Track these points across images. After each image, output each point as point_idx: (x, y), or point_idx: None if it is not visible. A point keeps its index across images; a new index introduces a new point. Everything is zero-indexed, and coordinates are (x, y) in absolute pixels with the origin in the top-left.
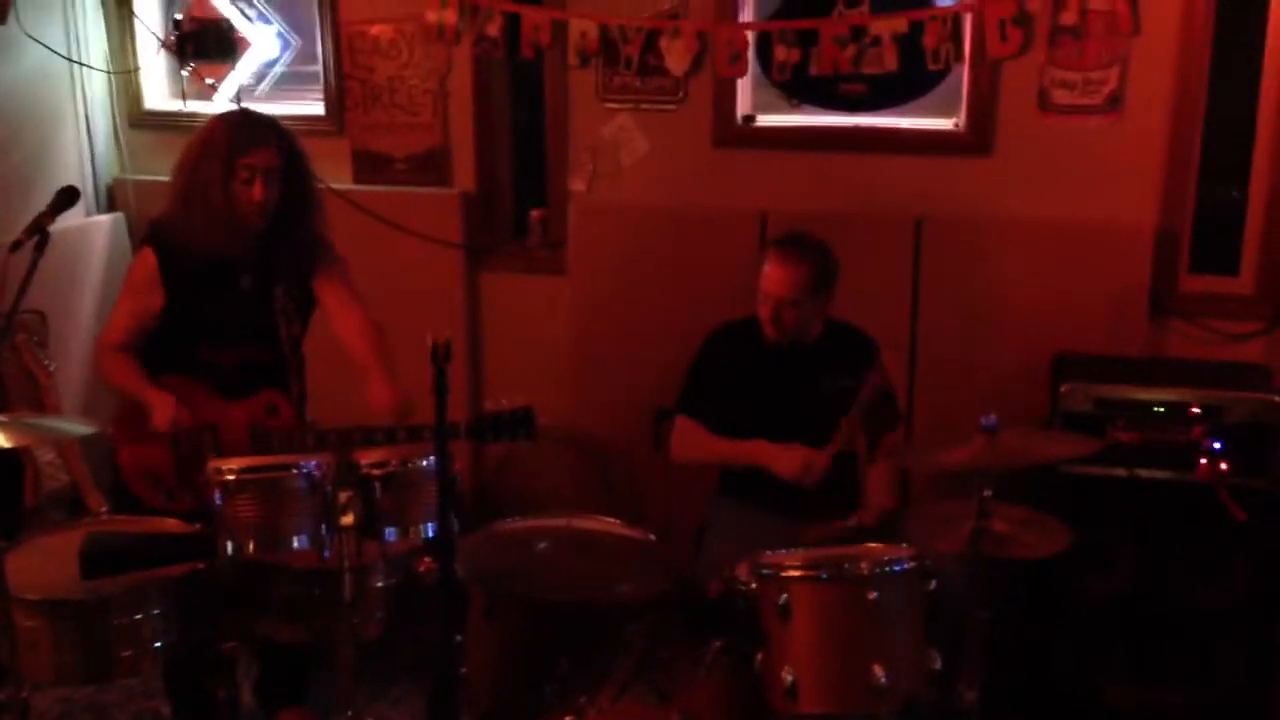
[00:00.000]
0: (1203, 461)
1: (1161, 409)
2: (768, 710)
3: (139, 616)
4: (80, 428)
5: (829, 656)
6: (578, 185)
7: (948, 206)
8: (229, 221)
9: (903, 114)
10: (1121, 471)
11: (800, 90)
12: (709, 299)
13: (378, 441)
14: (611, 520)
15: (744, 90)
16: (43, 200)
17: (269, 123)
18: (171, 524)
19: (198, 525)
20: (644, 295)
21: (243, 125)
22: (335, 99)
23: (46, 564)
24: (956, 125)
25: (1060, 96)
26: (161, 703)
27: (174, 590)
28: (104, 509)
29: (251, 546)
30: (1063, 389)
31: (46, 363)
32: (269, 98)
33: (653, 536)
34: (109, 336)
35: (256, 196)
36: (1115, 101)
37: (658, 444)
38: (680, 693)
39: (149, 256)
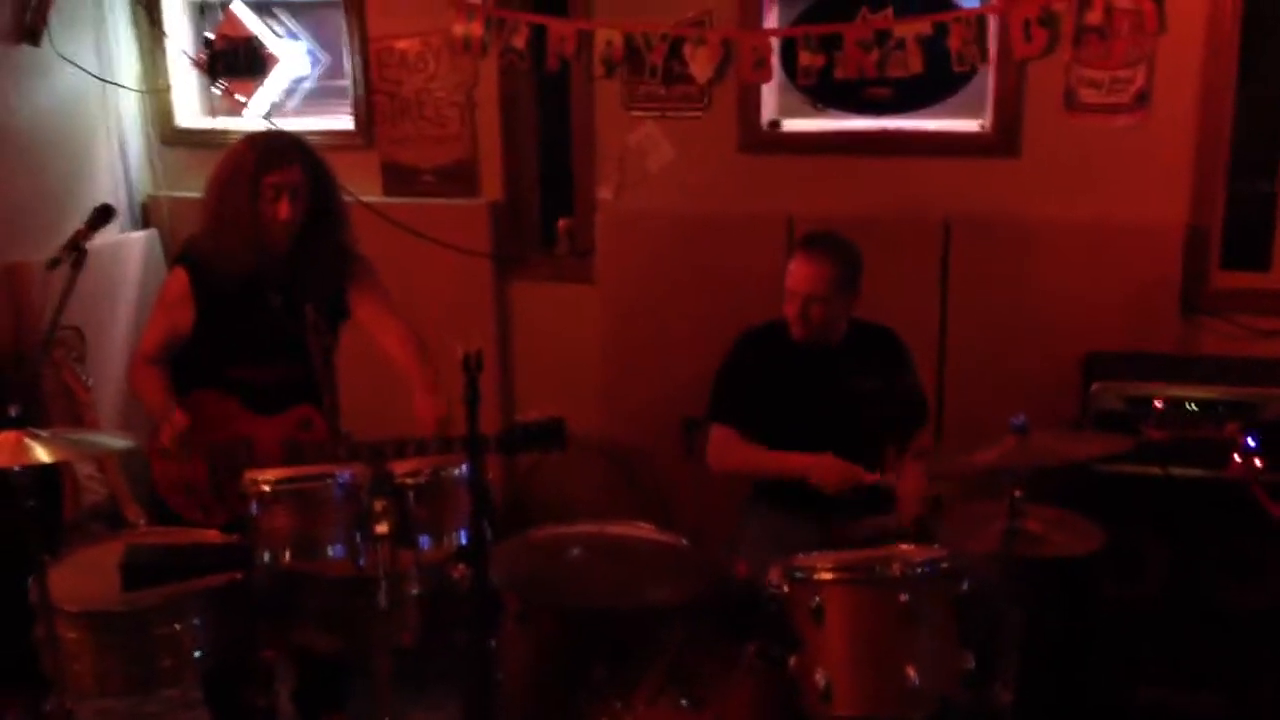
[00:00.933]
0: (1236, 459)
1: (1194, 406)
2: (802, 714)
3: (179, 626)
4: (119, 442)
5: (862, 659)
6: (605, 194)
7: (975, 208)
8: (257, 240)
9: (928, 116)
10: (1154, 470)
11: (825, 94)
12: (738, 305)
13: (410, 454)
14: (644, 525)
15: (769, 96)
16: (79, 218)
17: (293, 141)
18: (209, 535)
19: (235, 536)
20: (672, 302)
21: (267, 145)
22: (364, 113)
23: (87, 576)
24: (983, 126)
25: (1087, 96)
26: (201, 713)
27: (212, 600)
28: (142, 521)
29: (288, 555)
30: (1094, 388)
31: (84, 378)
32: (298, 113)
33: (685, 541)
34: (141, 352)
35: (282, 215)
36: (1143, 99)
37: (689, 451)
38: (714, 696)
39: (181, 275)
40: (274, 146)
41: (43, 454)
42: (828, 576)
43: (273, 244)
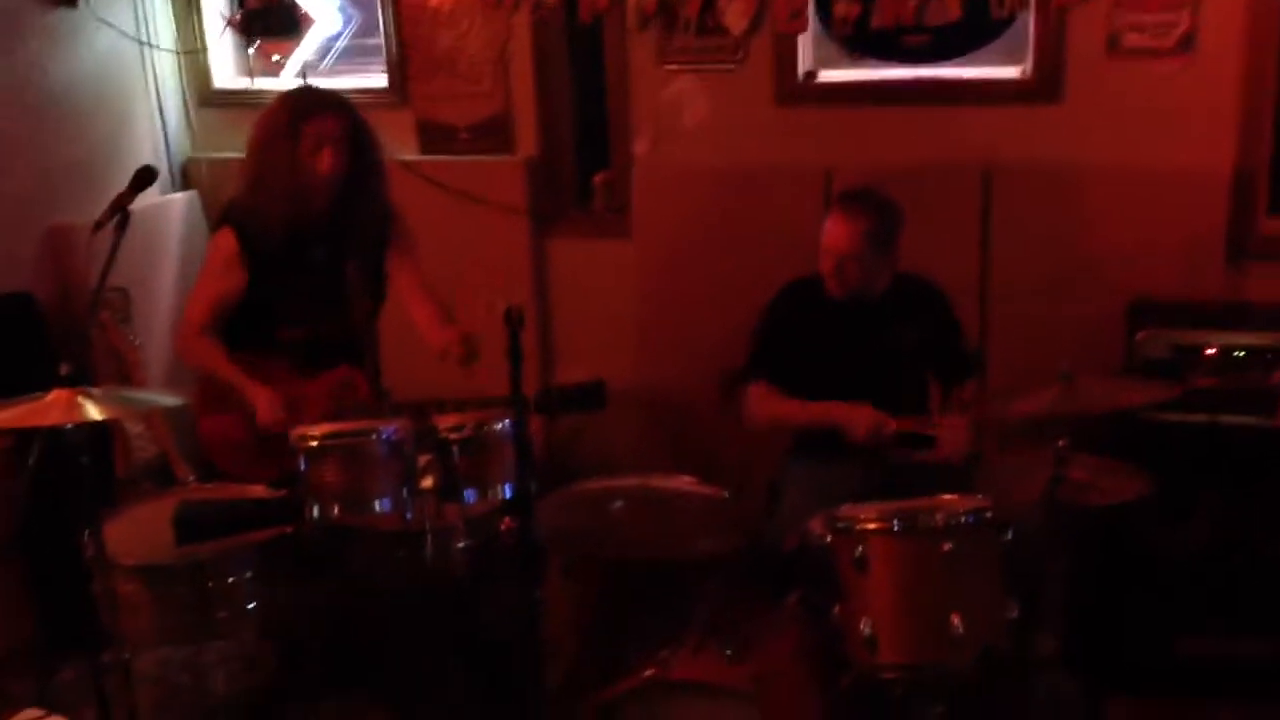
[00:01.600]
0: None
1: (1241, 353)
2: (845, 662)
3: (232, 579)
4: (169, 399)
5: (906, 608)
6: (640, 148)
7: (1016, 156)
8: (299, 194)
9: (968, 64)
10: (1201, 418)
11: (862, 44)
12: (775, 258)
13: (451, 411)
14: (685, 479)
15: (804, 46)
16: (120, 181)
17: (330, 93)
18: (258, 490)
19: (283, 492)
20: (709, 256)
21: (304, 97)
22: (398, 70)
23: (142, 531)
24: (1023, 73)
25: (1131, 40)
26: (257, 661)
27: (265, 554)
28: (192, 478)
29: (336, 510)
30: (1139, 336)
31: (132, 338)
32: (333, 72)
33: (726, 494)
34: (193, 321)
35: (324, 167)
36: (1187, 42)
37: (725, 406)
38: (757, 646)
39: (229, 237)
40: (310, 97)
41: (94, 412)
42: (871, 526)
43: (314, 197)
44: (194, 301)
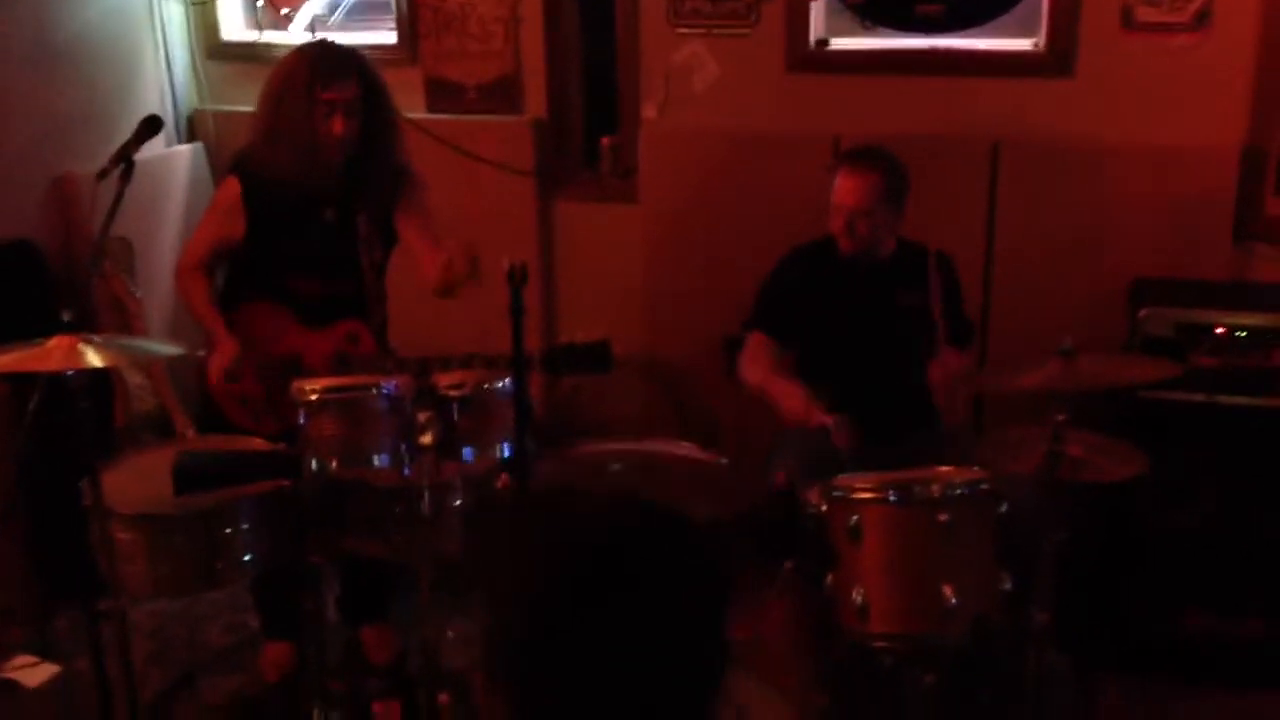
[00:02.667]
0: None
1: (1244, 334)
2: (837, 630)
3: (229, 531)
4: (170, 349)
5: (899, 578)
6: (649, 112)
7: (1026, 129)
8: (312, 155)
9: (980, 35)
10: (1201, 397)
11: (875, 12)
12: (782, 225)
13: (455, 368)
14: (684, 444)
15: (817, 14)
16: (126, 132)
17: (348, 54)
18: (258, 443)
19: (281, 445)
20: (716, 222)
21: (322, 59)
22: (407, 27)
23: (141, 480)
24: (1036, 45)
25: (1145, 14)
26: (250, 615)
27: (262, 506)
28: (190, 431)
29: (335, 464)
30: (1141, 314)
31: (133, 289)
32: (342, 27)
33: (725, 460)
34: (188, 257)
35: (337, 130)
36: (1203, 18)
37: (730, 373)
38: (751, 612)
39: (233, 185)
40: (329, 60)
41: (95, 358)
42: (866, 495)
43: (327, 159)
44: (193, 239)
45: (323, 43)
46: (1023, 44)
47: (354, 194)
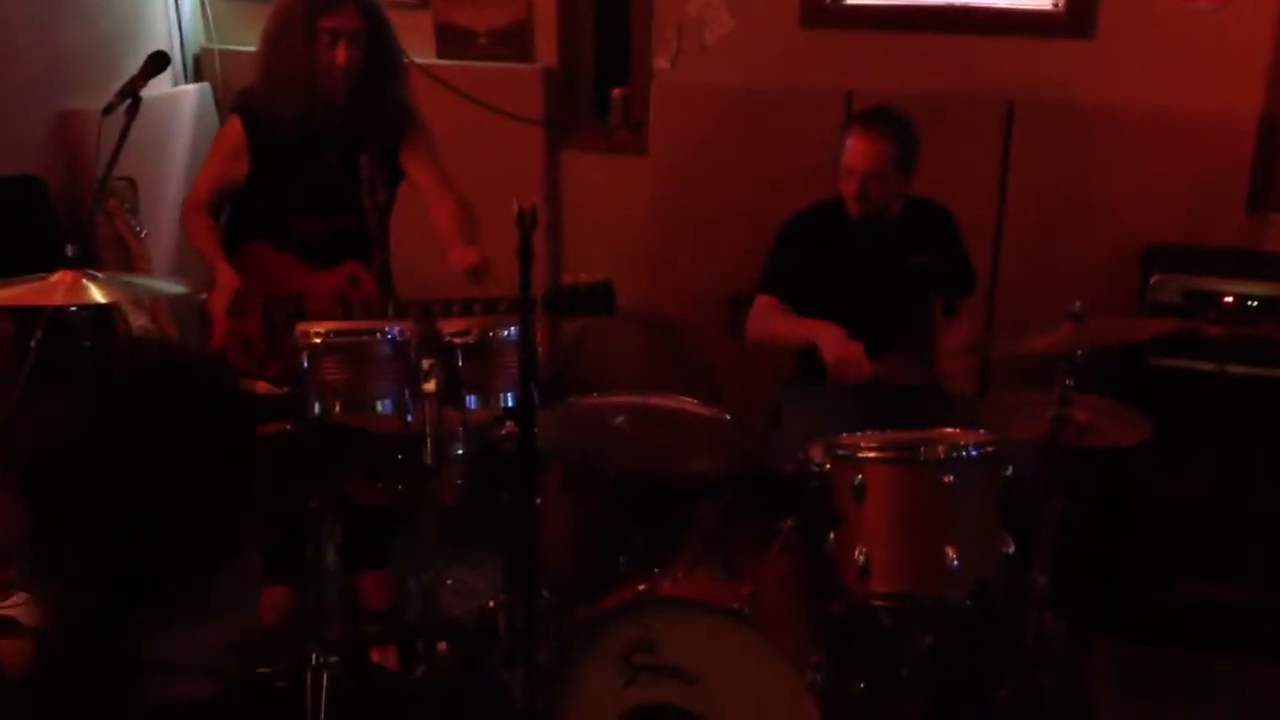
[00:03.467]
0: None
1: (1254, 303)
2: (837, 589)
3: None
4: (174, 287)
5: (902, 538)
6: (661, 64)
7: (1042, 90)
8: (312, 89)
9: None
10: (1209, 366)
11: None
12: (792, 182)
13: (456, 313)
14: (687, 399)
15: None
16: (132, 68)
17: None
18: (261, 386)
19: (284, 389)
20: (725, 177)
21: None
22: None
23: None
24: (1055, 5)
25: None
26: (251, 560)
27: (265, 449)
28: None
29: (337, 408)
30: (1152, 280)
31: (137, 229)
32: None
33: (727, 416)
34: (194, 196)
35: (340, 60)
36: None
37: (734, 331)
38: (751, 568)
39: (236, 124)
40: None
41: (98, 294)
42: (871, 455)
43: (328, 93)
44: (198, 178)
45: None
46: (1042, 3)
47: (356, 133)
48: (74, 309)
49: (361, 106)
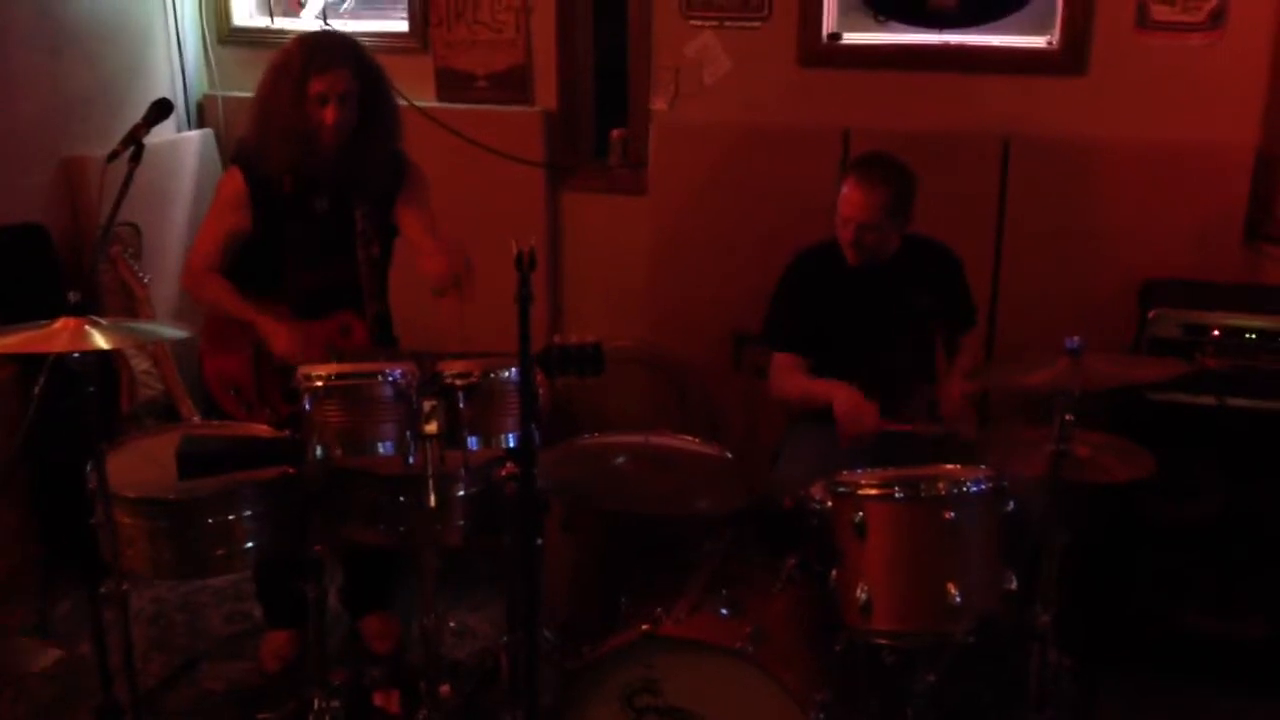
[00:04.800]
0: None
1: (1253, 336)
2: (841, 627)
3: (231, 517)
4: (176, 332)
5: (903, 575)
6: (660, 104)
7: (1038, 127)
8: (303, 144)
9: (994, 31)
10: (1209, 399)
11: (888, 6)
12: (791, 220)
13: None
14: (688, 438)
15: (830, 7)
16: (136, 116)
17: (345, 43)
18: (262, 429)
19: (286, 432)
20: (725, 216)
21: (317, 46)
22: (419, 16)
23: (145, 465)
24: (1050, 43)
25: (1159, 13)
26: (252, 605)
27: (265, 493)
28: (196, 417)
29: (338, 451)
30: (1151, 314)
31: (141, 274)
32: (354, 15)
33: (729, 454)
34: (200, 259)
35: (329, 119)
36: (1217, 18)
37: (737, 366)
38: (754, 607)
39: (237, 175)
40: (323, 48)
41: (101, 341)
42: (871, 492)
43: (319, 148)
44: (201, 238)
45: (320, 31)
46: (1036, 41)
47: (349, 187)
48: (76, 355)
49: (352, 161)
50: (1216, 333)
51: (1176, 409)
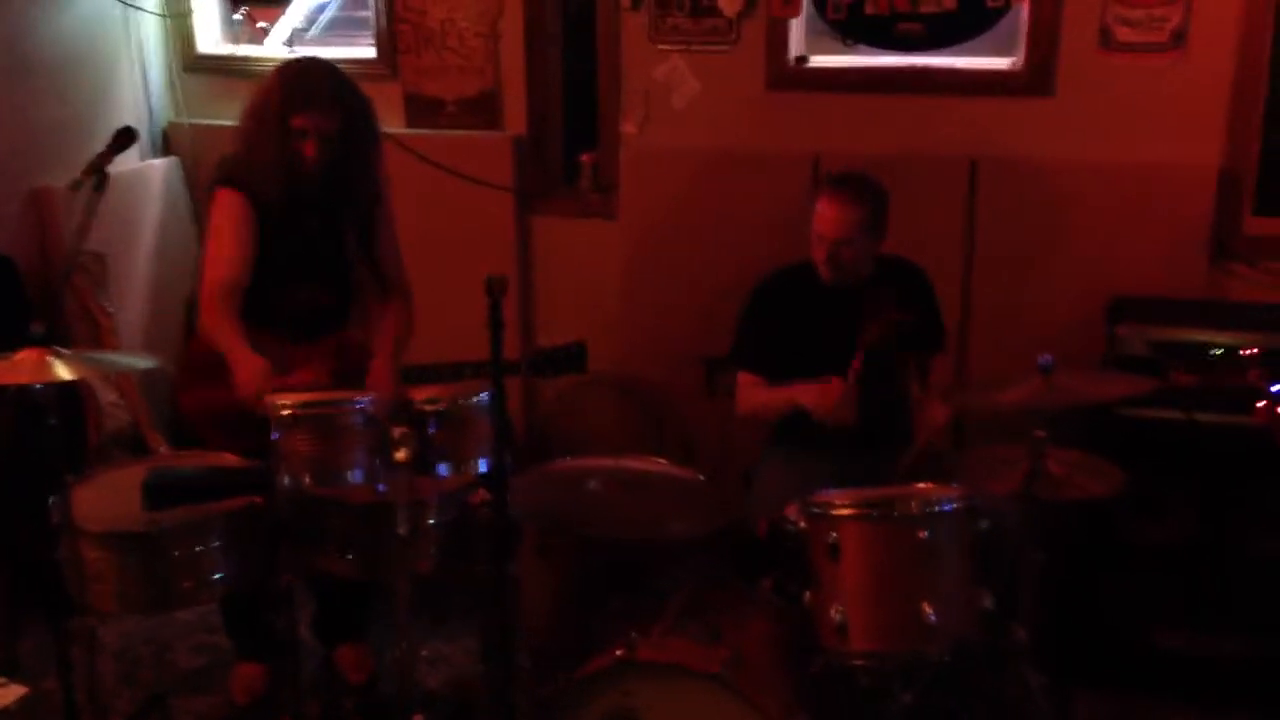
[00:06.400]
0: (1259, 404)
1: (1220, 352)
2: (817, 648)
3: (199, 549)
4: (141, 361)
5: (878, 595)
6: (629, 128)
7: (1005, 148)
8: (288, 174)
9: (960, 54)
10: (1177, 415)
11: (855, 30)
12: (761, 243)
13: (442, 378)
14: (661, 461)
15: (797, 31)
16: (101, 144)
17: (327, 78)
18: (231, 459)
19: (255, 461)
20: (695, 239)
21: (299, 81)
22: (387, 42)
23: (111, 497)
24: (1015, 65)
25: (1123, 34)
26: (221, 637)
27: (233, 523)
28: (163, 448)
29: (308, 480)
30: (1119, 331)
31: (106, 305)
32: (321, 41)
33: (702, 477)
34: (223, 280)
35: (309, 153)
36: (1179, 39)
37: (709, 390)
38: (729, 630)
39: (236, 196)
40: (306, 85)
41: (65, 372)
42: (845, 512)
43: (304, 178)
44: (221, 265)
45: (303, 64)
46: (1002, 63)
47: (335, 211)
48: (39, 387)
49: (335, 189)
50: (1185, 349)
51: (1146, 424)
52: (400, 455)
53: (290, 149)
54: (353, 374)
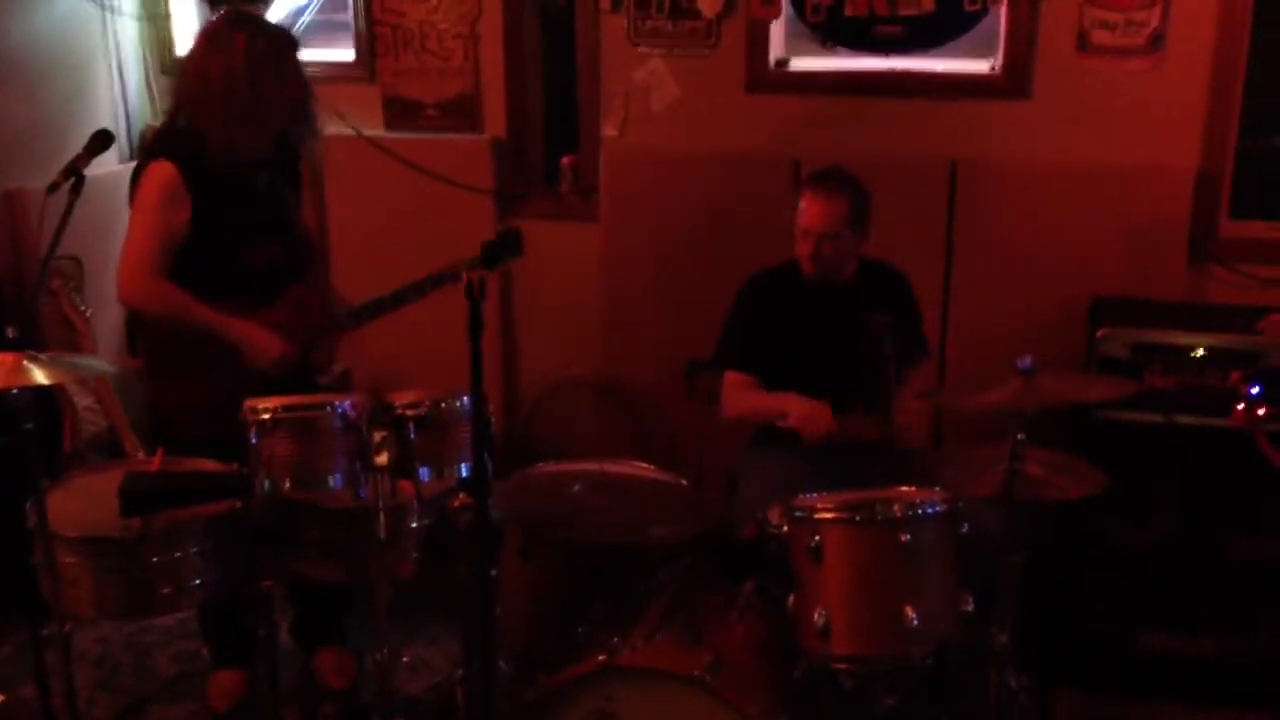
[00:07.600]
0: (1239, 407)
1: (1199, 353)
2: (800, 652)
3: (178, 554)
4: (115, 366)
5: (861, 598)
6: (609, 131)
7: (983, 150)
8: (278, 126)
9: (939, 56)
10: (1157, 417)
11: (835, 32)
12: (742, 245)
13: (406, 300)
14: (644, 465)
15: (777, 33)
16: (78, 147)
17: (270, 20)
18: (209, 464)
19: (234, 466)
20: (676, 241)
21: (265, 29)
22: (366, 45)
23: (87, 503)
24: (993, 68)
25: (1100, 37)
26: (199, 643)
27: (212, 529)
28: (140, 453)
29: (287, 484)
30: (1099, 334)
31: (82, 308)
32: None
33: (685, 481)
34: (140, 266)
35: (296, 93)
36: (1156, 42)
37: (691, 393)
38: (712, 633)
39: (167, 168)
40: (271, 27)
41: (40, 376)
42: (827, 516)
43: (281, 122)
44: (137, 243)
45: (245, 15)
46: (980, 66)
47: (280, 156)
48: (15, 391)
49: (293, 134)
50: (1164, 351)
51: (1126, 426)
52: (380, 459)
53: (288, 93)
54: (318, 326)
